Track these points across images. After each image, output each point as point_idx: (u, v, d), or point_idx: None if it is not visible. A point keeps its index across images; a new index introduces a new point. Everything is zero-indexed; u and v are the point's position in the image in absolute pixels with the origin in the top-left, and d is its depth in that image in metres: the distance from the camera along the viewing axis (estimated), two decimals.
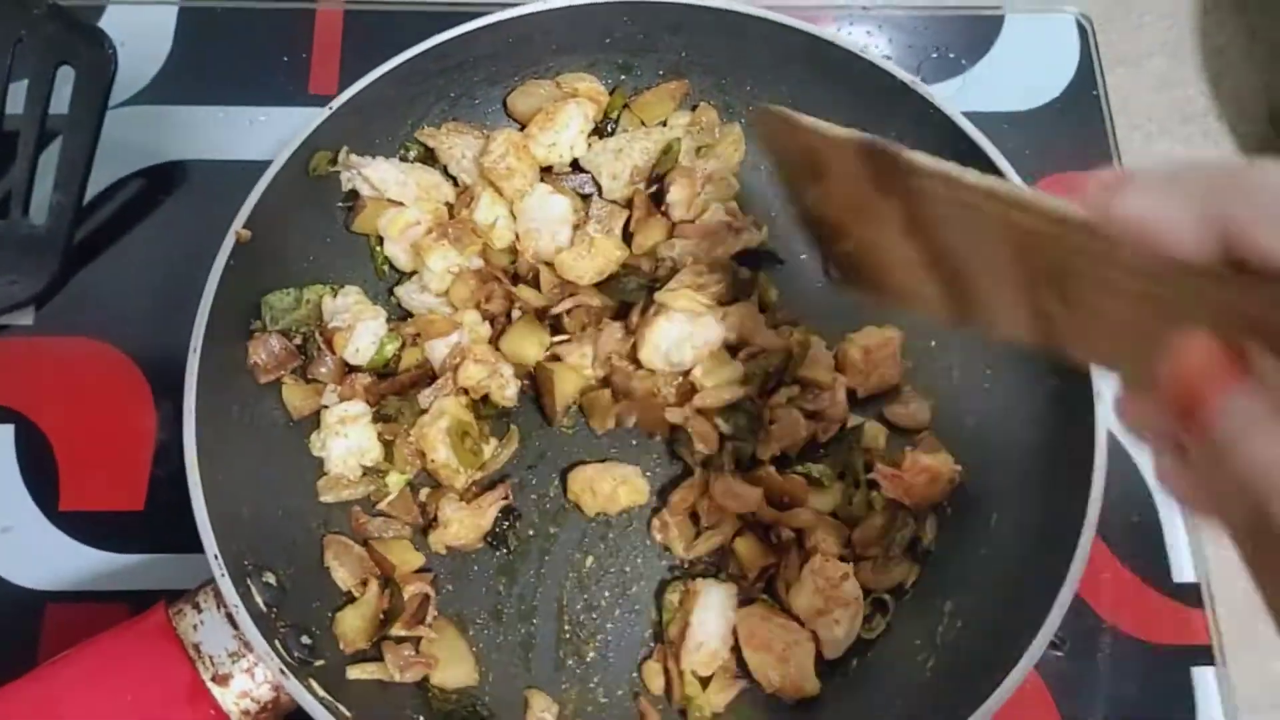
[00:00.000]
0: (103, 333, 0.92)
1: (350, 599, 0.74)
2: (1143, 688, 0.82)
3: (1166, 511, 0.88)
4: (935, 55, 1.05)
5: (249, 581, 0.67)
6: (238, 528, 0.69)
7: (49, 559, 0.84)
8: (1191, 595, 0.85)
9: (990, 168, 0.78)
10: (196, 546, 0.67)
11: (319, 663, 0.67)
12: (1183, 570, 0.87)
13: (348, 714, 0.63)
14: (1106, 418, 0.71)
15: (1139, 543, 0.87)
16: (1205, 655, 0.83)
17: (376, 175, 0.82)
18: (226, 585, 0.64)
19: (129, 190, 1.00)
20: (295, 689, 0.62)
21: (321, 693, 0.63)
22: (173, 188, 1.00)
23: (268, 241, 0.76)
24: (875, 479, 0.78)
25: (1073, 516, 0.69)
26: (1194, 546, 0.88)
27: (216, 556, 0.64)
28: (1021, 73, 1.04)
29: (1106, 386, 0.72)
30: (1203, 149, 1.29)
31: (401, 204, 0.83)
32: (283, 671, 0.62)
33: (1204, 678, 0.82)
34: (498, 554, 0.79)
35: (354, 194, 0.84)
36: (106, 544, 0.84)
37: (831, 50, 0.82)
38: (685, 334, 0.79)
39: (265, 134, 0.99)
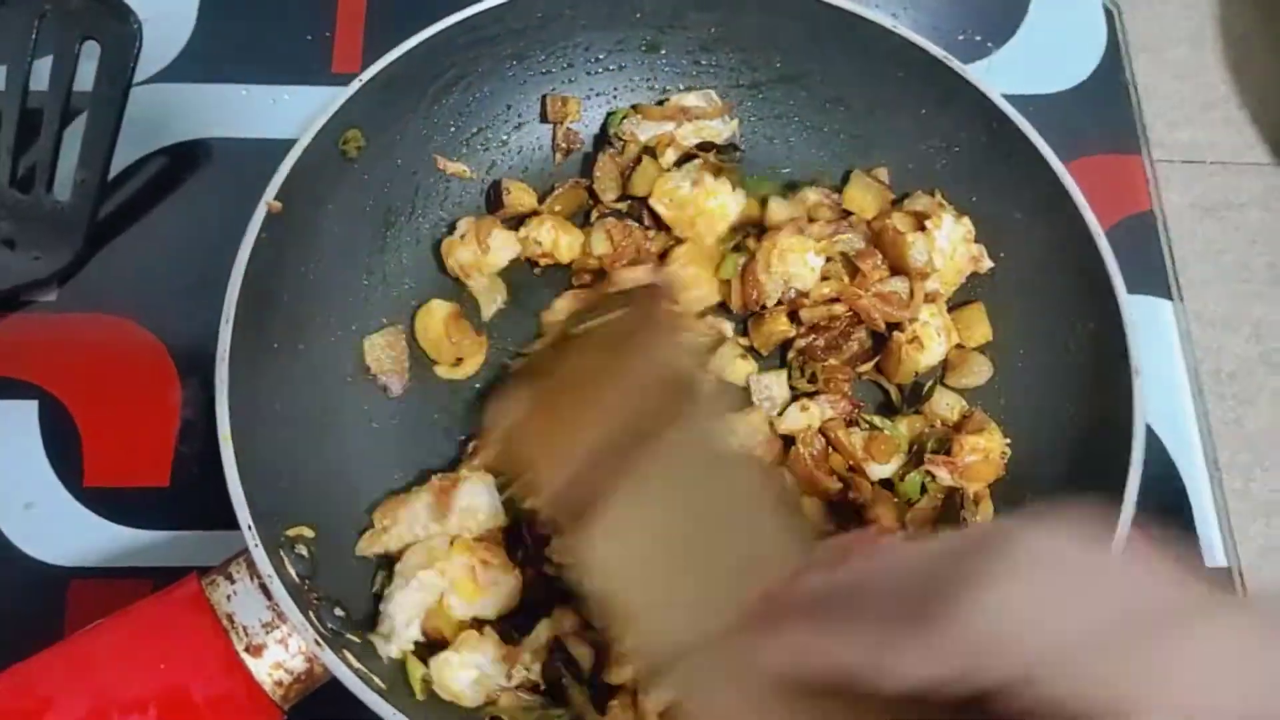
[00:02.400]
0: (126, 309, 0.92)
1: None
2: None
3: (1197, 495, 0.88)
4: (961, 38, 1.04)
5: (281, 553, 0.66)
6: (270, 500, 0.69)
7: (73, 535, 0.83)
8: (1223, 580, 0.85)
9: (1026, 146, 0.78)
10: (222, 523, 0.67)
11: (351, 635, 0.66)
12: (1214, 554, 0.86)
13: (382, 685, 0.63)
14: (1143, 397, 0.71)
15: (1170, 527, 0.86)
16: None
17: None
18: (260, 555, 0.63)
19: (152, 168, 1.00)
20: (330, 660, 0.61)
21: (356, 664, 0.63)
22: (196, 166, 1.00)
23: (298, 215, 0.76)
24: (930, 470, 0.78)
25: (1109, 500, 0.68)
26: (1225, 531, 0.87)
27: (250, 527, 0.64)
28: (1048, 56, 1.04)
29: (1144, 362, 0.71)
30: (1225, 136, 1.29)
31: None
32: (318, 642, 0.61)
33: None
34: None
35: None
36: (131, 520, 0.84)
37: (865, 26, 0.82)
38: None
39: (288, 113, 0.99)
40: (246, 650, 0.63)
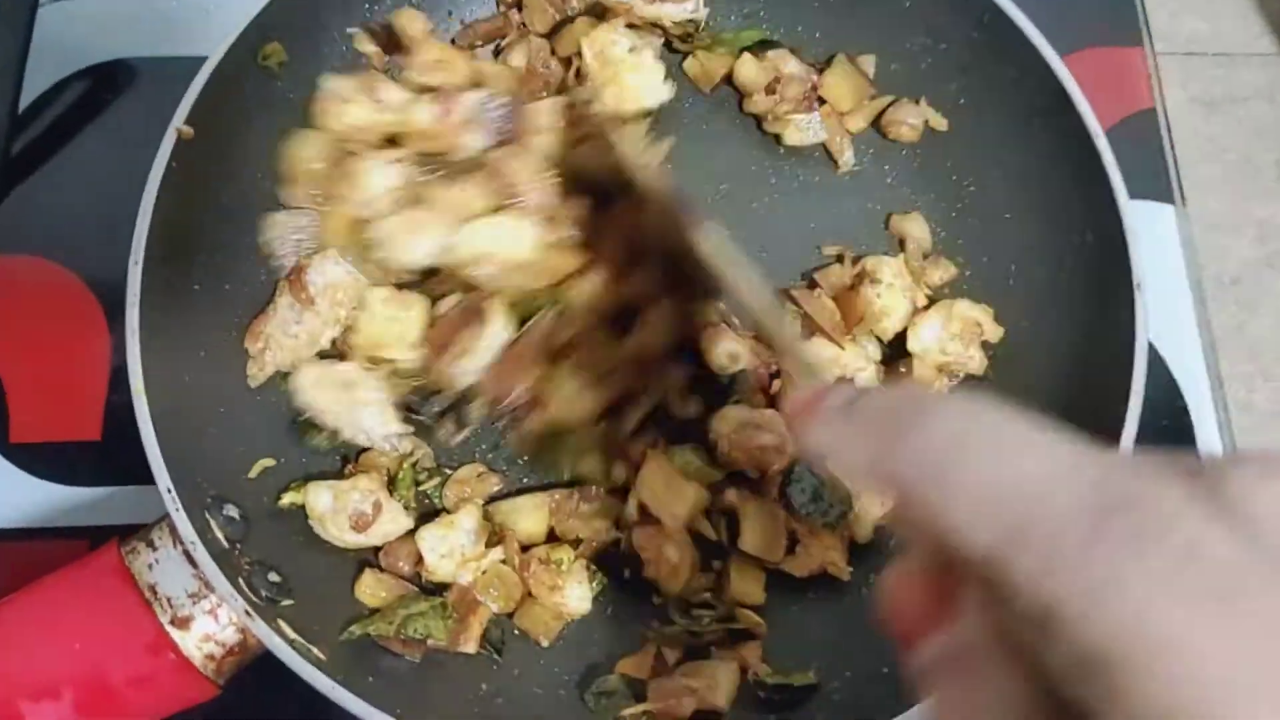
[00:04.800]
0: (48, 250, 0.86)
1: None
2: None
3: (1199, 413, 0.83)
4: None
5: (208, 515, 0.60)
6: (195, 456, 0.63)
7: (1, 494, 0.78)
8: None
9: (1020, 40, 0.71)
10: None
11: (287, 602, 0.61)
12: None
13: (321, 656, 0.58)
14: (1146, 314, 0.65)
15: (1171, 447, 0.81)
16: None
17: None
18: (182, 520, 0.58)
19: (70, 93, 0.92)
20: (262, 631, 0.56)
21: (292, 634, 0.58)
22: (119, 89, 0.92)
23: (215, 141, 0.68)
24: None
25: (1109, 427, 0.63)
26: (1227, 449, 0.82)
27: (170, 490, 0.58)
28: None
29: (1145, 272, 0.65)
30: (1230, 26, 1.21)
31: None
32: (248, 613, 0.56)
33: None
34: None
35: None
36: (62, 477, 0.78)
37: None
38: None
39: (221, 25, 0.89)
40: (172, 623, 0.58)
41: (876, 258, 0.74)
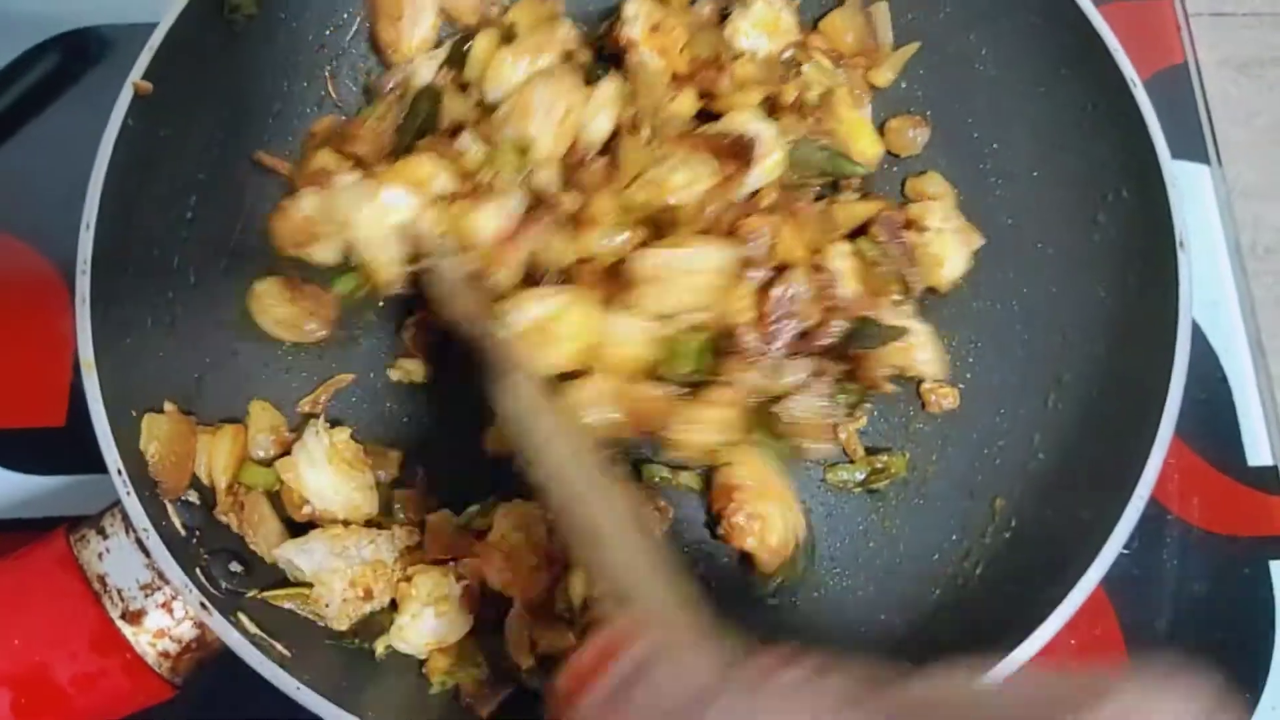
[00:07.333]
0: (13, 227, 0.81)
1: None
2: (1214, 586, 0.72)
3: (1240, 387, 0.77)
4: None
5: (165, 499, 0.55)
6: None
7: None
8: (1269, 480, 0.75)
9: None
10: None
11: (251, 593, 0.56)
12: (1259, 453, 0.76)
13: (285, 652, 0.53)
14: (1190, 278, 0.59)
15: (1209, 423, 0.77)
16: None
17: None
18: (134, 505, 0.53)
19: (41, 63, 0.88)
20: (220, 625, 0.51)
21: (254, 629, 0.53)
22: (92, 58, 0.88)
23: (176, 96, 0.63)
24: None
25: (1146, 401, 0.57)
26: (1271, 426, 0.77)
27: (120, 471, 0.54)
28: None
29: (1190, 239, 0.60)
30: None
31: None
32: (204, 606, 0.51)
33: None
34: None
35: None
36: (24, 465, 0.74)
37: None
38: None
39: None
40: (123, 617, 0.53)
41: (921, 203, 0.69)
